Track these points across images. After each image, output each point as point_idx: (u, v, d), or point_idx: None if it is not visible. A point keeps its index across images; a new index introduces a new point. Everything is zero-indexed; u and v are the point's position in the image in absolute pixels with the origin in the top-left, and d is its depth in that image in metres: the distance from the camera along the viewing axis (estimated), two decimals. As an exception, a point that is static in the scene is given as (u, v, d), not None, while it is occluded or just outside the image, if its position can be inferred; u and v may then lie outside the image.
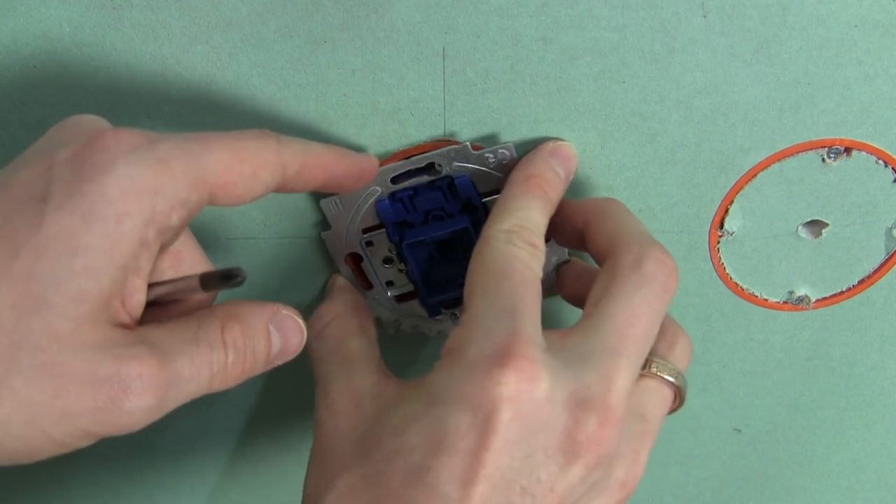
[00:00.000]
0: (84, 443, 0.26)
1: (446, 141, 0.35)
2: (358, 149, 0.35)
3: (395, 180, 0.35)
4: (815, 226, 0.39)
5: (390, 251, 0.37)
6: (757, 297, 0.40)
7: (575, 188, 0.37)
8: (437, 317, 0.39)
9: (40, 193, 0.25)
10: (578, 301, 0.35)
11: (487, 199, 0.36)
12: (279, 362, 0.31)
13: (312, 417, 0.33)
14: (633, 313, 0.29)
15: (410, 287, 0.38)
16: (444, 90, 0.34)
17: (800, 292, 0.40)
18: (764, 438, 0.46)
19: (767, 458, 0.46)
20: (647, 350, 0.30)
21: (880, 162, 0.37)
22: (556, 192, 0.34)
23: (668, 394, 0.32)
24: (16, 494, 0.46)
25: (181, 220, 0.27)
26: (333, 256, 0.37)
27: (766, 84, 0.35)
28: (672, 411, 0.33)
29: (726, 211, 0.38)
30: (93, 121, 0.29)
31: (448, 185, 0.35)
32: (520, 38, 0.33)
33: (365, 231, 0.36)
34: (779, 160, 0.37)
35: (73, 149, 0.26)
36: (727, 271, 0.40)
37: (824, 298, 0.41)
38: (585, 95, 0.35)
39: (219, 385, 0.28)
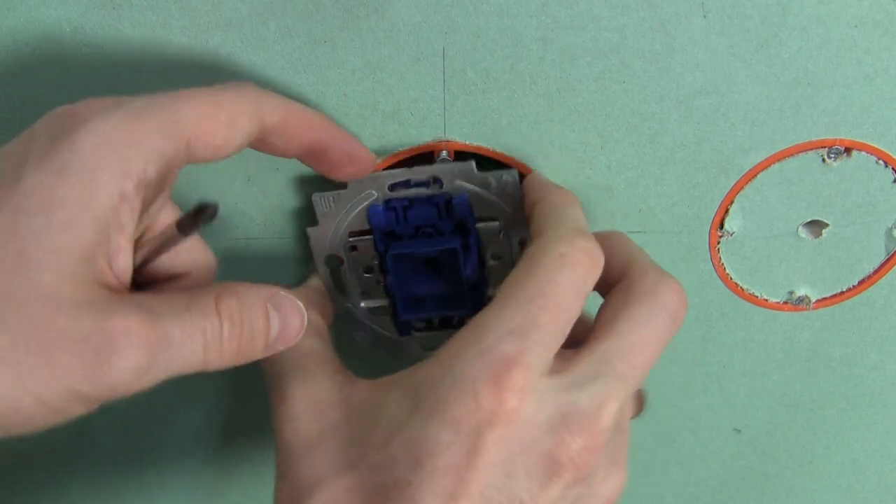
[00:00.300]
0: (78, 408, 0.25)
1: (446, 142, 0.35)
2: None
3: (393, 188, 0.35)
4: (816, 226, 0.39)
5: (373, 260, 0.36)
6: (757, 297, 0.40)
7: (575, 188, 0.37)
8: (405, 336, 0.38)
9: (18, 160, 0.26)
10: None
11: (481, 224, 0.35)
12: (280, 347, 0.30)
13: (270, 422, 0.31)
14: (643, 341, 0.29)
15: (385, 301, 0.37)
16: (444, 90, 0.34)
17: (800, 292, 0.40)
18: (764, 438, 0.46)
19: (767, 458, 0.46)
20: (646, 377, 0.30)
21: (880, 162, 0.37)
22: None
23: (636, 400, 0.32)
24: (16, 494, 0.46)
25: (159, 172, 0.26)
26: (314, 254, 0.36)
27: (766, 84, 0.35)
28: (635, 416, 0.32)
29: (726, 211, 0.38)
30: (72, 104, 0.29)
31: (445, 203, 0.35)
32: (520, 38, 0.33)
33: (352, 234, 0.35)
34: (779, 160, 0.37)
35: (50, 121, 0.26)
36: (727, 271, 0.40)
37: (824, 298, 0.41)
38: (585, 95, 0.35)
39: (215, 358, 0.27)
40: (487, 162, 0.37)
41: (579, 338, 0.29)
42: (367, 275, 0.36)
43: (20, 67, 0.33)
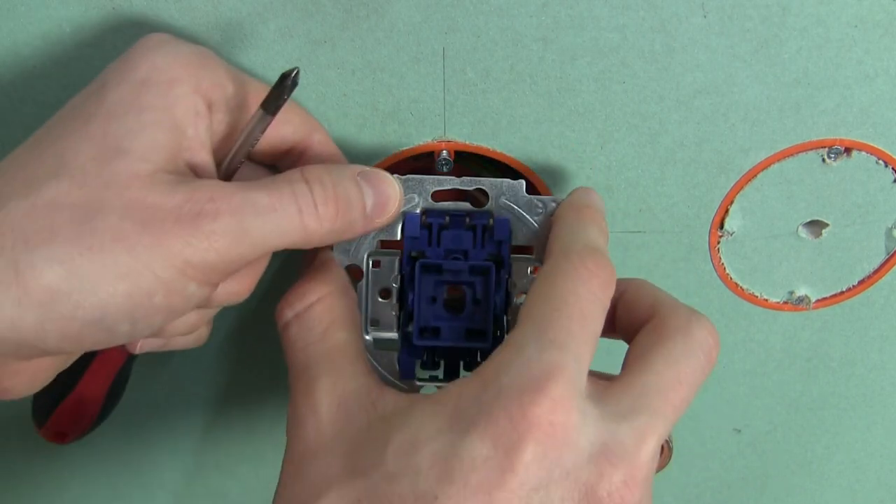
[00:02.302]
0: (195, 287, 0.27)
1: (446, 142, 0.35)
2: (360, 152, 0.35)
3: (435, 196, 0.33)
4: (815, 226, 0.39)
5: (393, 283, 0.33)
6: (757, 297, 0.40)
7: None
8: (406, 380, 0.34)
9: (99, 83, 0.28)
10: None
11: (515, 256, 0.33)
12: (379, 220, 0.30)
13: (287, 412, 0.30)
14: (679, 378, 0.28)
15: (394, 334, 0.34)
16: (444, 90, 0.34)
17: (800, 292, 0.40)
18: (764, 438, 0.46)
19: (767, 458, 0.46)
20: (679, 418, 0.28)
21: (880, 162, 0.37)
22: (607, 230, 0.32)
23: (661, 452, 0.31)
24: (16, 494, 0.46)
25: (225, 103, 0.29)
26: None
27: (766, 84, 0.35)
28: (660, 468, 0.31)
29: (726, 211, 0.38)
30: None
31: (483, 227, 0.33)
32: (520, 38, 0.33)
33: (380, 245, 0.33)
34: (779, 160, 0.37)
35: (121, 56, 0.29)
36: (727, 271, 0.40)
37: (824, 298, 0.41)
38: (585, 95, 0.35)
39: (314, 223, 0.28)
40: (487, 162, 0.38)
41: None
42: (382, 300, 0.34)
43: (20, 67, 0.33)
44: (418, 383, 0.34)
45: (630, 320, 0.30)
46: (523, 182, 0.33)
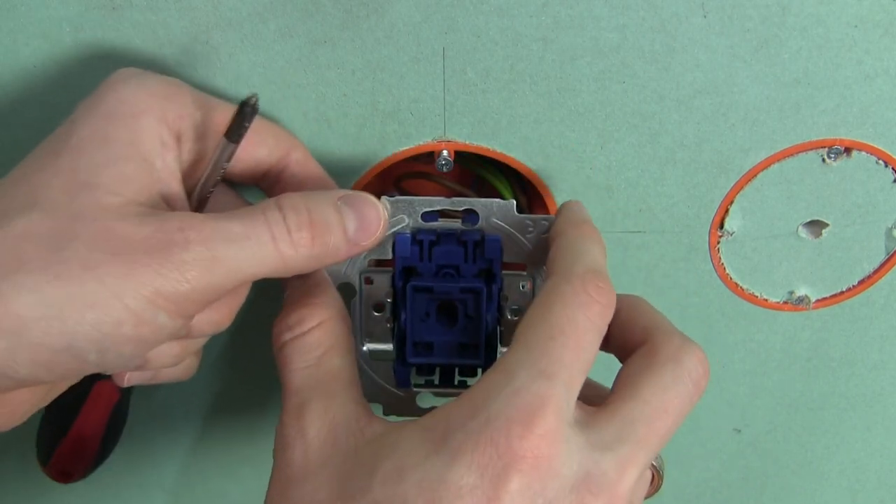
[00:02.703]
0: (162, 315, 0.26)
1: (446, 142, 0.35)
2: (360, 152, 0.36)
3: (425, 217, 0.33)
4: (815, 226, 0.39)
5: (386, 297, 0.34)
6: (757, 297, 0.40)
7: (575, 188, 0.37)
8: (402, 388, 0.35)
9: (70, 119, 0.29)
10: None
11: (506, 272, 0.34)
12: (364, 243, 0.30)
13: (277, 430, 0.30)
14: (665, 406, 0.28)
15: (389, 346, 0.35)
16: (444, 90, 0.34)
17: (800, 292, 0.40)
18: (764, 438, 0.46)
19: (767, 458, 0.46)
20: (664, 446, 0.29)
21: (880, 162, 0.37)
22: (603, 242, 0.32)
23: (649, 478, 0.31)
24: (16, 494, 0.46)
25: (193, 131, 0.30)
26: None
27: (766, 84, 0.35)
28: (650, 495, 0.31)
29: (726, 211, 0.38)
30: None
31: (475, 244, 0.33)
32: (520, 38, 0.33)
33: (371, 264, 0.34)
34: (779, 160, 0.37)
35: (92, 92, 0.30)
36: (727, 271, 0.40)
37: (824, 298, 0.41)
38: (585, 95, 0.35)
39: (289, 251, 0.28)
40: (487, 162, 0.38)
41: (588, 398, 0.29)
42: (377, 313, 0.34)
43: (20, 67, 0.33)
44: (414, 390, 0.35)
45: (623, 341, 0.30)
46: (514, 202, 0.33)
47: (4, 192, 0.27)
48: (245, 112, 0.28)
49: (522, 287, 0.34)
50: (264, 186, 0.33)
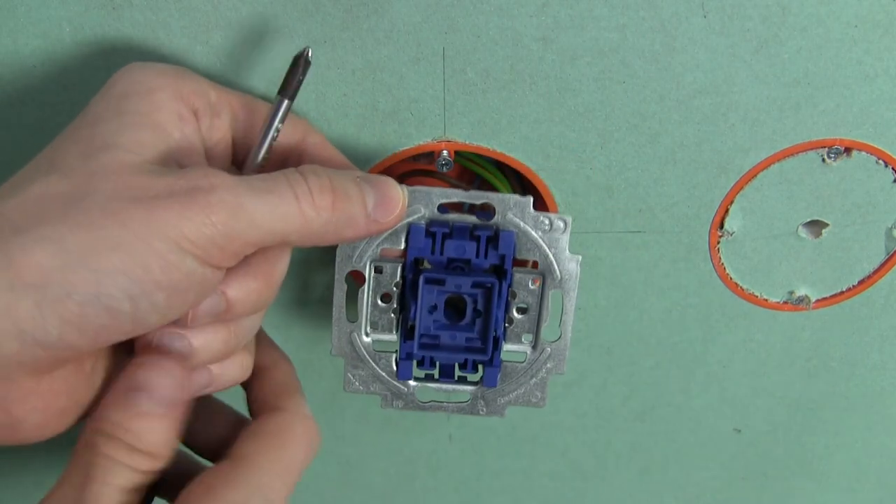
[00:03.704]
0: (192, 261, 0.26)
1: (446, 142, 0.35)
2: (360, 152, 0.36)
3: (442, 209, 0.33)
4: (815, 226, 0.39)
5: (394, 288, 0.34)
6: (757, 297, 0.40)
7: (575, 188, 0.37)
8: (404, 380, 0.35)
9: (83, 110, 0.29)
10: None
11: (516, 269, 0.34)
12: (384, 220, 0.30)
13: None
14: (289, 470, 0.30)
15: (393, 337, 0.35)
16: (444, 90, 0.34)
17: (800, 292, 0.40)
18: (764, 438, 0.46)
19: (767, 458, 0.46)
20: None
21: (880, 162, 0.37)
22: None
23: None
24: (16, 494, 0.46)
25: (209, 106, 0.30)
26: (337, 267, 0.34)
27: (766, 84, 0.35)
28: None
29: (726, 211, 0.38)
30: None
31: (488, 239, 0.33)
32: (520, 38, 0.33)
33: (383, 253, 0.33)
34: (779, 160, 0.37)
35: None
36: (727, 271, 0.40)
37: (824, 298, 0.41)
38: (585, 95, 0.35)
39: (311, 211, 0.28)
40: (487, 162, 0.38)
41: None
42: (383, 303, 0.34)
43: (20, 68, 0.33)
44: (413, 383, 0.35)
45: (259, 399, 0.33)
46: (531, 198, 0.33)
47: (27, 167, 0.27)
48: (299, 65, 0.29)
49: (531, 285, 0.34)
50: None
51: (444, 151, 0.35)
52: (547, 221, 0.33)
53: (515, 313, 0.34)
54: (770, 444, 0.46)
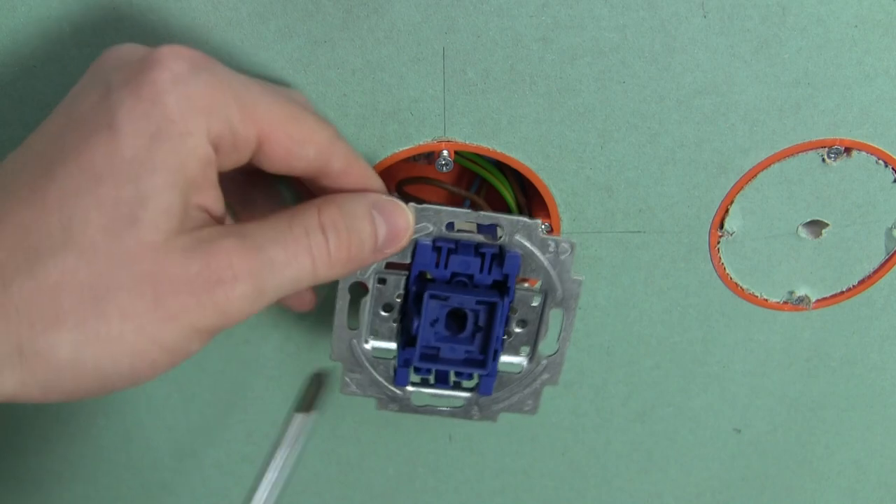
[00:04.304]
0: (197, 344, 0.27)
1: (446, 141, 0.35)
2: (360, 152, 0.35)
3: (449, 227, 0.33)
4: (815, 226, 0.39)
5: (396, 298, 0.34)
6: (757, 297, 0.40)
7: (575, 188, 0.37)
8: (401, 386, 0.36)
9: (106, 121, 0.26)
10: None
11: (519, 287, 0.34)
12: (389, 251, 0.31)
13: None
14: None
15: (392, 344, 0.35)
16: (444, 90, 0.34)
17: (800, 292, 0.40)
18: (764, 438, 0.46)
19: (767, 458, 0.46)
20: None
21: (880, 162, 0.37)
22: None
23: None
24: (16, 494, 0.46)
25: (231, 134, 0.27)
26: (341, 278, 0.34)
27: (766, 84, 0.35)
28: None
29: (726, 211, 0.38)
30: (133, 47, 0.29)
31: (493, 256, 0.33)
32: (520, 38, 0.33)
33: (388, 266, 0.33)
34: (779, 160, 0.37)
35: (127, 71, 0.27)
36: (727, 271, 0.40)
37: (824, 298, 0.41)
38: (585, 95, 0.35)
39: (326, 271, 0.28)
40: (487, 162, 0.38)
41: None
42: (385, 313, 0.35)
43: (20, 67, 0.33)
44: (410, 389, 0.36)
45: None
46: (539, 222, 0.33)
47: (34, 216, 0.25)
48: (315, 384, 0.31)
49: (532, 303, 0.34)
50: (293, 181, 0.33)
51: (444, 151, 0.35)
52: (553, 245, 0.33)
53: (515, 327, 0.35)
54: (770, 444, 0.46)
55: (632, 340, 0.42)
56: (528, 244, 0.33)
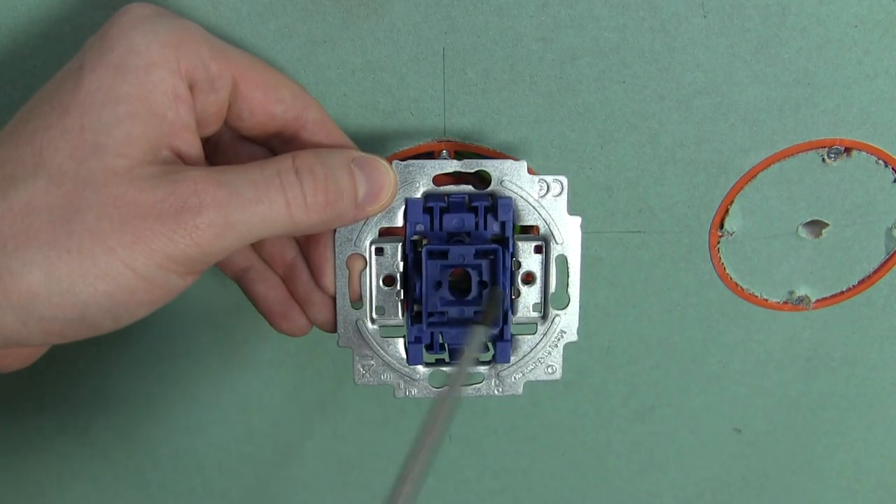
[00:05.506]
0: (174, 277, 0.27)
1: (446, 141, 0.35)
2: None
3: (437, 181, 0.32)
4: (815, 226, 0.39)
5: (396, 269, 0.33)
6: (757, 297, 0.40)
7: (575, 188, 0.37)
8: (414, 365, 0.35)
9: (77, 64, 0.27)
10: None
11: (518, 236, 0.34)
12: (370, 208, 0.30)
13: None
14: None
15: (400, 321, 0.34)
16: (444, 90, 0.34)
17: (800, 292, 0.40)
18: (764, 438, 0.46)
19: (767, 458, 0.46)
20: None
21: (880, 162, 0.37)
22: None
23: None
24: (16, 494, 0.46)
25: (206, 78, 0.28)
26: (336, 252, 0.33)
27: (766, 84, 0.35)
28: None
29: (726, 211, 0.38)
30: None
31: (486, 208, 0.33)
32: (520, 38, 0.33)
33: (382, 233, 0.33)
34: (779, 160, 0.37)
35: (103, 29, 0.28)
36: (727, 271, 0.40)
37: (824, 298, 0.41)
38: (585, 95, 0.35)
39: (302, 214, 0.28)
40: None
41: None
42: (387, 287, 0.34)
43: (20, 67, 0.33)
44: (424, 369, 0.35)
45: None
46: (525, 162, 0.33)
47: (9, 153, 0.26)
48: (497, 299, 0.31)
49: (533, 251, 0.34)
50: (277, 145, 0.32)
51: (444, 151, 0.35)
52: (543, 184, 0.33)
53: (521, 285, 0.34)
54: (770, 444, 0.46)
55: (632, 340, 0.42)
56: (517, 188, 0.33)
